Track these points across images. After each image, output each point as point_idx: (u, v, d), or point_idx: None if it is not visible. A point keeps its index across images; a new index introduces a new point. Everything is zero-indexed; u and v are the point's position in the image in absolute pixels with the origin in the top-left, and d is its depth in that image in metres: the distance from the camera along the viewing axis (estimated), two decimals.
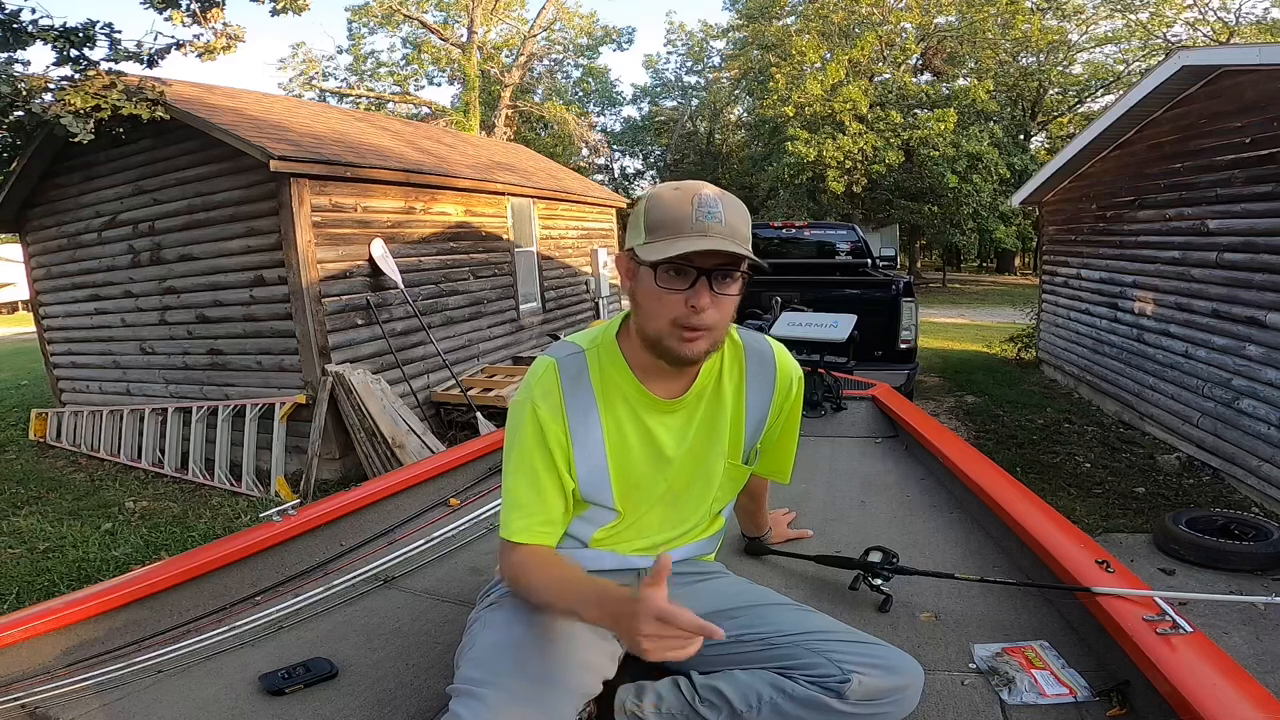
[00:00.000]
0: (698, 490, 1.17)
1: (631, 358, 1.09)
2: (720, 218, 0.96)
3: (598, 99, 29.34)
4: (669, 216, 0.97)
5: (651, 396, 1.09)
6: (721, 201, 0.98)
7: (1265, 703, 0.91)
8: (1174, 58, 5.07)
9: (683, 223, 0.96)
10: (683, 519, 1.19)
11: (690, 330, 0.99)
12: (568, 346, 1.12)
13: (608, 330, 1.12)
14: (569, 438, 1.07)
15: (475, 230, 7.34)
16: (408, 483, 2.12)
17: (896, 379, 4.37)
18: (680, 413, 1.12)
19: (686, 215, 0.96)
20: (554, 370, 1.07)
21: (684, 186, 1.00)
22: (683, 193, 0.98)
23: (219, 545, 1.68)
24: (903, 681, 0.99)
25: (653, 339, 1.03)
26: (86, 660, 1.34)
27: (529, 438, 1.05)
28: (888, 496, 2.06)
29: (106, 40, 5.23)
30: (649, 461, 1.11)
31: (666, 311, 0.99)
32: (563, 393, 1.06)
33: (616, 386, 1.09)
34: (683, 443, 1.13)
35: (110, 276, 6.34)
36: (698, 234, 0.95)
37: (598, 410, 1.08)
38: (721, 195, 0.99)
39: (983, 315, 14.32)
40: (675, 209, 0.97)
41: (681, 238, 0.95)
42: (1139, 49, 19.76)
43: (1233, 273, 4.62)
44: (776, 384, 1.19)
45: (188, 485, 5.66)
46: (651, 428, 1.10)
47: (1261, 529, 3.25)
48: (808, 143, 17.75)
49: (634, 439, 1.10)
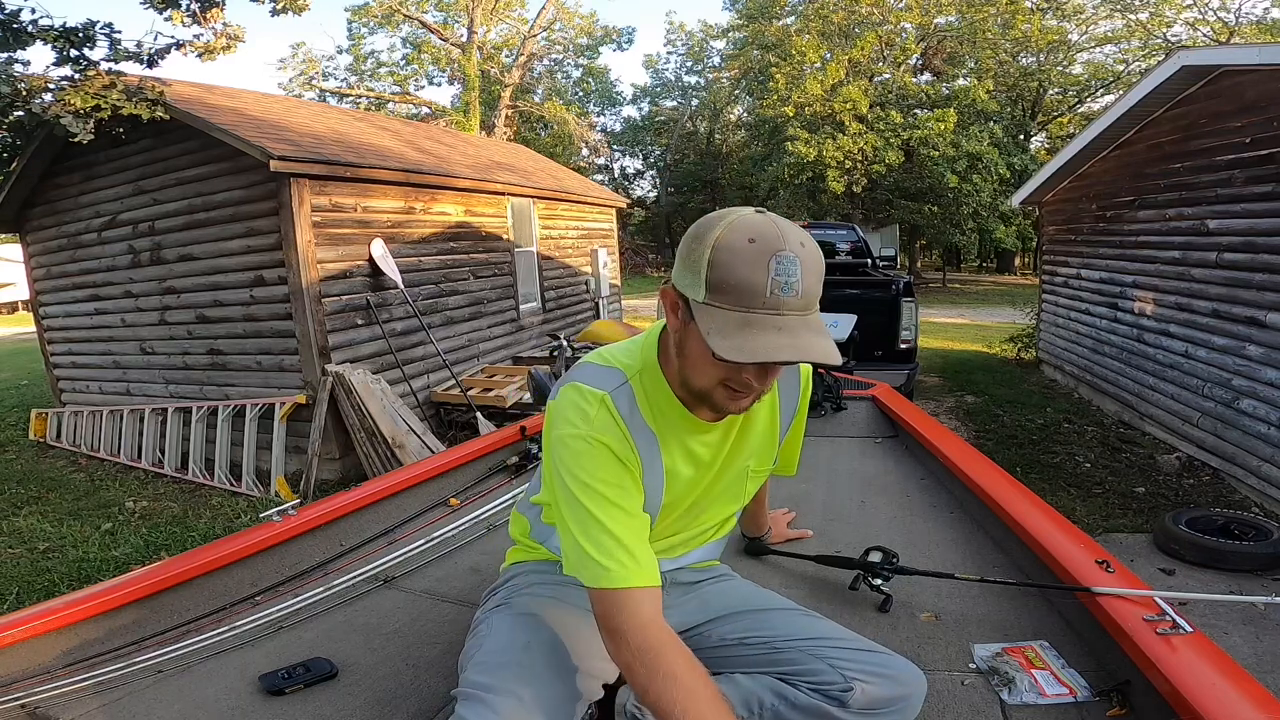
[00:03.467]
0: (725, 497, 1.16)
1: (675, 385, 1.01)
2: (798, 289, 0.82)
3: (598, 99, 29.39)
4: (739, 280, 0.82)
5: (696, 421, 1.04)
6: (800, 262, 0.82)
7: (1265, 703, 0.91)
8: (1174, 58, 5.07)
9: (755, 295, 0.82)
10: (702, 523, 1.18)
11: (738, 391, 0.92)
12: (610, 375, 1.01)
13: (646, 353, 1.03)
14: (640, 474, 1.00)
15: (475, 230, 7.34)
16: (408, 483, 2.12)
17: (896, 379, 4.37)
18: (718, 430, 1.08)
19: (759, 286, 0.81)
20: (608, 405, 0.97)
21: (761, 237, 0.83)
22: (758, 248, 0.82)
23: (219, 545, 1.68)
24: (905, 691, 1.00)
25: (696, 391, 0.96)
26: (86, 660, 1.34)
27: (608, 471, 0.94)
28: (888, 496, 2.06)
29: (106, 40, 5.23)
30: (689, 479, 1.08)
31: (717, 375, 0.91)
32: (626, 429, 0.98)
33: (665, 416, 1.02)
34: (719, 457, 1.10)
35: (110, 276, 6.33)
36: (769, 311, 0.82)
37: (658, 444, 1.02)
38: (801, 250, 0.83)
39: (983, 315, 14.30)
40: (747, 271, 0.82)
41: (749, 320, 0.82)
42: (1139, 49, 19.75)
43: (1233, 273, 4.62)
44: (801, 385, 1.20)
45: (188, 485, 5.65)
46: (693, 448, 1.07)
47: (1261, 529, 3.26)
48: (808, 143, 17.77)
49: (680, 462, 1.06)
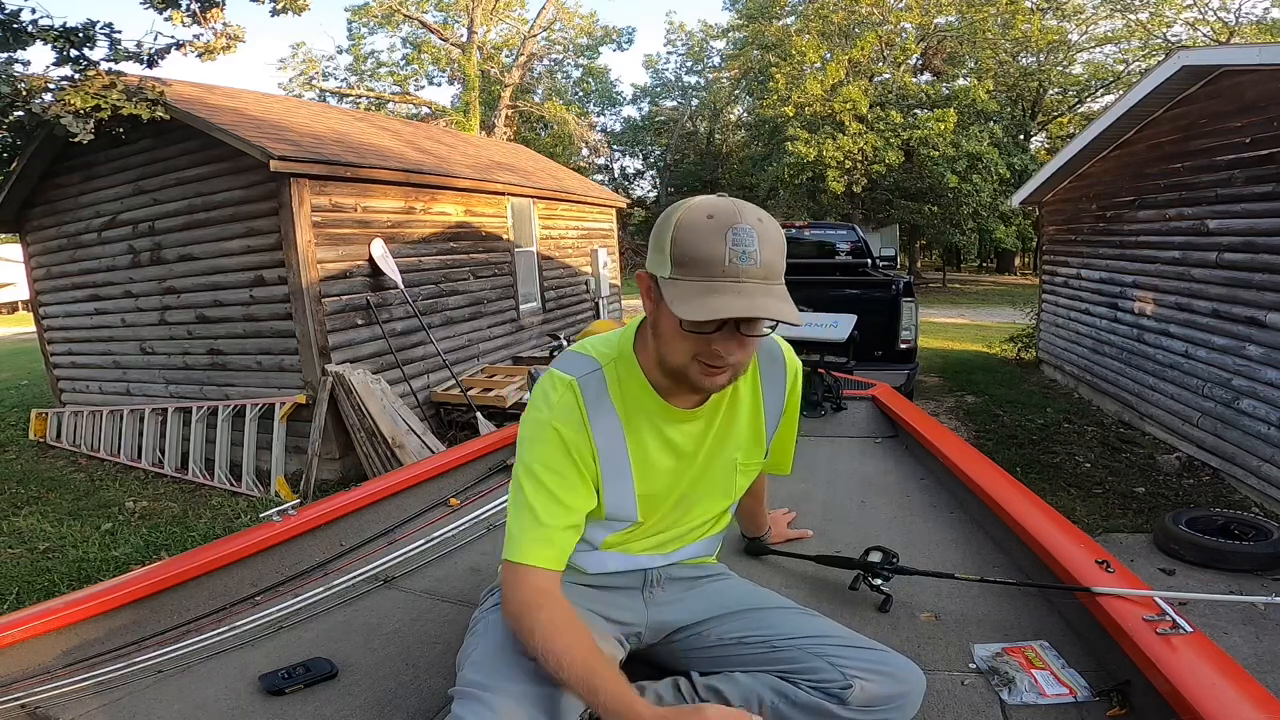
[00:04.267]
0: (714, 492, 1.17)
1: (650, 372, 1.04)
2: (755, 258, 0.87)
3: (598, 99, 29.38)
4: (699, 253, 0.88)
5: (672, 409, 1.06)
6: (758, 234, 0.88)
7: (1265, 703, 0.91)
8: (1174, 58, 5.07)
9: (714, 263, 0.87)
10: (693, 518, 1.18)
11: (713, 366, 0.95)
12: (584, 361, 1.05)
13: (623, 342, 1.06)
14: (597, 460, 1.02)
15: (475, 230, 7.34)
16: (408, 483, 2.11)
17: (896, 379, 4.37)
18: (699, 420, 1.09)
19: (719, 255, 0.87)
20: (574, 390, 1.01)
21: (719, 213, 0.89)
22: (717, 223, 0.88)
23: (219, 545, 1.68)
24: (904, 688, 1.00)
25: (672, 370, 0.99)
26: (86, 660, 1.34)
27: (551, 458, 0.99)
28: (888, 496, 2.06)
29: (106, 40, 5.23)
30: (669, 470, 1.09)
31: (689, 349, 0.94)
32: (586, 413, 1.01)
33: (638, 402, 1.04)
34: (701, 448, 1.11)
35: (110, 276, 6.33)
36: (729, 279, 0.87)
37: (623, 431, 1.04)
38: (758, 224, 0.89)
39: (983, 315, 14.31)
40: (706, 244, 0.87)
41: (712, 288, 0.87)
42: (1139, 49, 19.76)
43: (1233, 273, 4.62)
44: (787, 379, 1.20)
45: (188, 485, 5.65)
46: (671, 437, 1.08)
47: (1261, 529, 3.26)
48: (808, 143, 17.77)
49: (656, 452, 1.07)
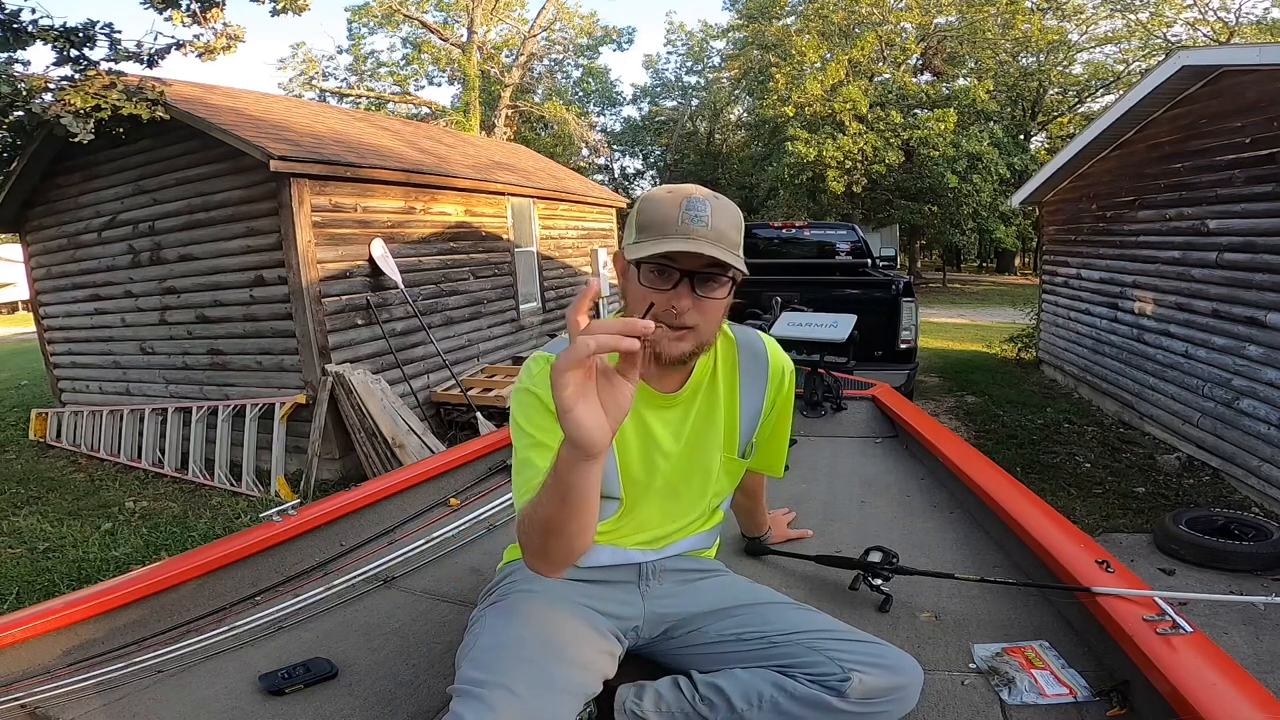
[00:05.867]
0: (696, 484, 1.19)
1: None
2: (706, 221, 0.97)
3: (598, 99, 29.33)
4: (657, 217, 0.99)
5: (648, 390, 1.10)
6: (711, 205, 0.99)
7: (1265, 703, 0.91)
8: (1174, 58, 5.07)
9: (668, 224, 0.97)
10: (681, 512, 1.20)
11: (672, 329, 1.00)
12: (564, 343, 1.11)
13: None
14: None
15: (475, 230, 7.34)
16: (408, 483, 2.12)
17: (896, 379, 4.36)
18: (677, 408, 1.14)
19: (673, 217, 0.97)
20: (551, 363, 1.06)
21: (677, 189, 1.01)
22: (674, 195, 1.00)
23: (219, 545, 1.68)
24: (902, 680, 1.00)
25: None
26: (86, 660, 1.34)
27: (534, 415, 1.04)
28: (888, 496, 2.06)
29: (106, 40, 5.24)
30: (646, 455, 1.13)
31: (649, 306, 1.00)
32: None
33: None
34: (679, 437, 1.14)
35: (110, 276, 6.33)
36: (681, 235, 0.96)
37: None
38: (713, 198, 1.00)
39: (983, 315, 14.31)
40: (664, 210, 0.99)
41: (665, 239, 0.97)
42: (1139, 49, 19.75)
43: (1233, 273, 4.62)
44: (769, 377, 1.21)
45: (188, 485, 5.65)
46: (648, 422, 1.12)
47: (1261, 529, 3.25)
48: (808, 143, 17.75)
49: (631, 433, 1.11)
